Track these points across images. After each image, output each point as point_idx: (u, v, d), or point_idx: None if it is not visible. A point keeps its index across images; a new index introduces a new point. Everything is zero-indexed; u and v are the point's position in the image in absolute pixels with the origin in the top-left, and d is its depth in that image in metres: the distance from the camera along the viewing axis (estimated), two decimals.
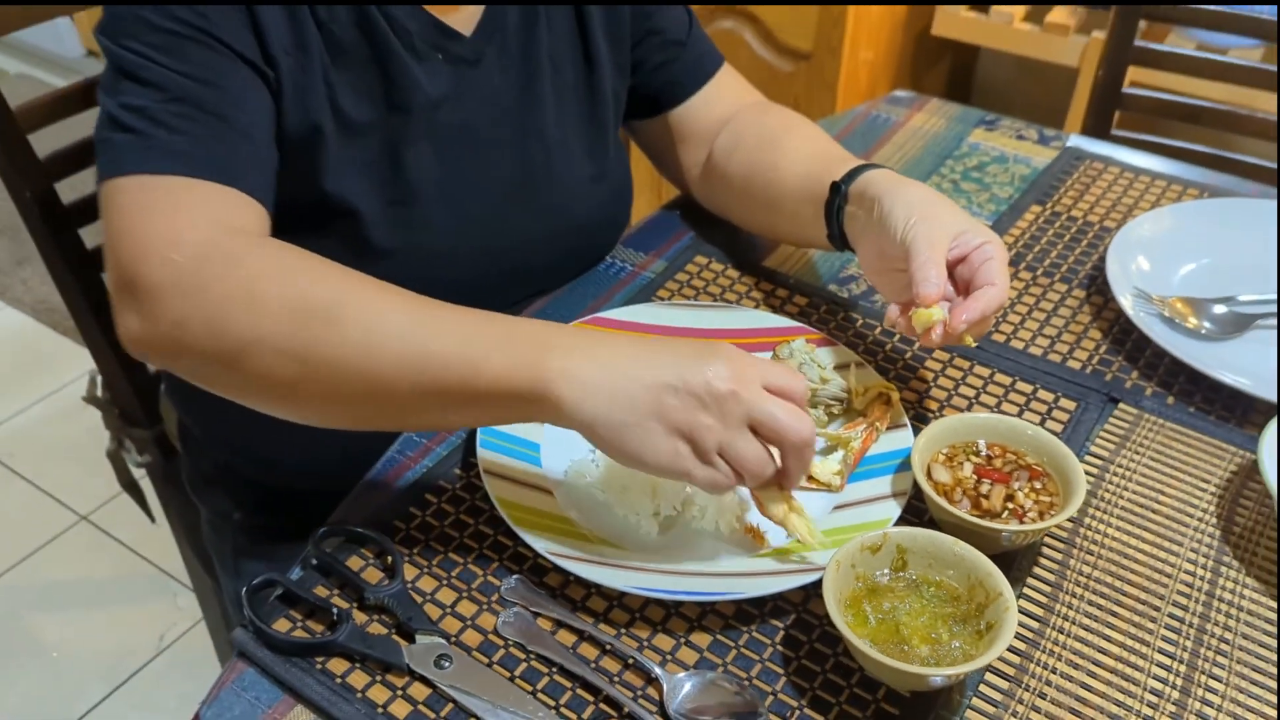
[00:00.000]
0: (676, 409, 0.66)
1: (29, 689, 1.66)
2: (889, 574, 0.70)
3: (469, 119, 0.89)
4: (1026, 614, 0.73)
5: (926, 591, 0.69)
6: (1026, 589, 0.74)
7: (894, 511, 0.76)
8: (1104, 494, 0.82)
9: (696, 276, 1.02)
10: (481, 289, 0.88)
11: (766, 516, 0.72)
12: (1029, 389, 0.90)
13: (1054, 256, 1.07)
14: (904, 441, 0.81)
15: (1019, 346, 0.95)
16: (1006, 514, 0.75)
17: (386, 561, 0.74)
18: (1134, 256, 1.03)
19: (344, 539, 0.76)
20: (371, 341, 0.68)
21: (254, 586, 0.70)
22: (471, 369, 0.67)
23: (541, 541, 0.72)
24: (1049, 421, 0.87)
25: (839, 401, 0.85)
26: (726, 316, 0.93)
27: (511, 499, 0.75)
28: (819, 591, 0.67)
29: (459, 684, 0.66)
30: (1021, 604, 0.73)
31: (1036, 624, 0.72)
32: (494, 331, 0.69)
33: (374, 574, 0.73)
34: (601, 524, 0.77)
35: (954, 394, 0.90)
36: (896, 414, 0.84)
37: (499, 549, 0.75)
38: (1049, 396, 0.90)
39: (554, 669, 0.68)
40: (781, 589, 0.71)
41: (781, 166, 0.97)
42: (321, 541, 0.75)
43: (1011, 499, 0.76)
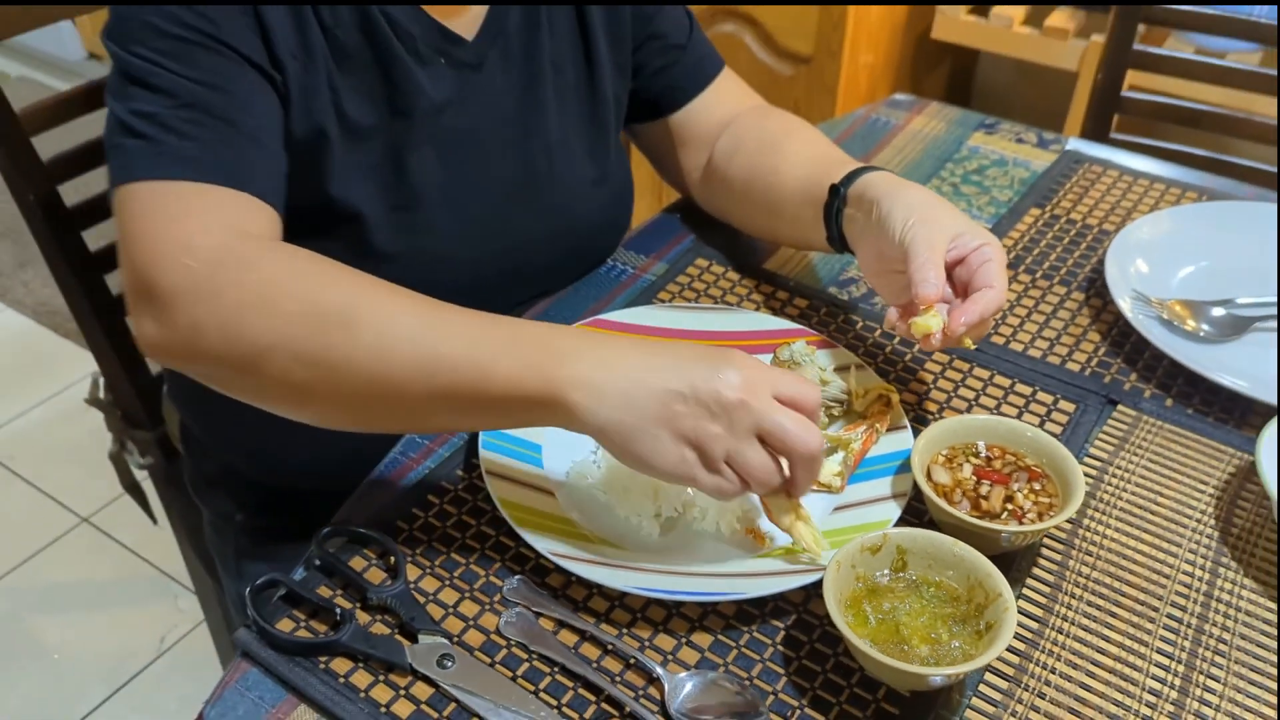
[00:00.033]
0: (685, 417, 0.66)
1: (30, 691, 1.67)
2: (889, 574, 0.71)
3: (472, 123, 0.90)
4: (1026, 614, 0.73)
5: (926, 592, 0.70)
6: (1026, 589, 0.75)
7: (894, 512, 0.76)
8: (1103, 495, 0.82)
9: (697, 279, 1.02)
10: (483, 291, 0.88)
11: (773, 523, 0.73)
12: (1028, 391, 0.91)
13: (1053, 259, 1.07)
14: (904, 443, 0.82)
15: (1018, 349, 0.96)
16: (1006, 515, 0.75)
17: (389, 562, 0.74)
18: (1133, 259, 1.03)
19: (347, 540, 0.76)
20: (384, 346, 0.68)
21: (257, 587, 0.70)
22: (483, 374, 0.67)
23: (543, 542, 0.72)
24: (1048, 423, 0.88)
25: (839, 403, 0.85)
26: (727, 319, 0.94)
27: (513, 500, 0.76)
28: (819, 592, 0.67)
29: (461, 684, 0.67)
30: (1021, 604, 0.73)
31: (1036, 624, 0.73)
32: (505, 336, 0.69)
33: (377, 574, 0.74)
34: (603, 525, 0.77)
35: (954, 396, 0.90)
36: (896, 416, 0.84)
37: (501, 550, 0.76)
38: (1048, 398, 0.90)
39: (556, 669, 0.69)
40: (782, 589, 0.71)
41: (782, 170, 0.97)
42: (325, 542, 0.75)
43: (1011, 500, 0.76)
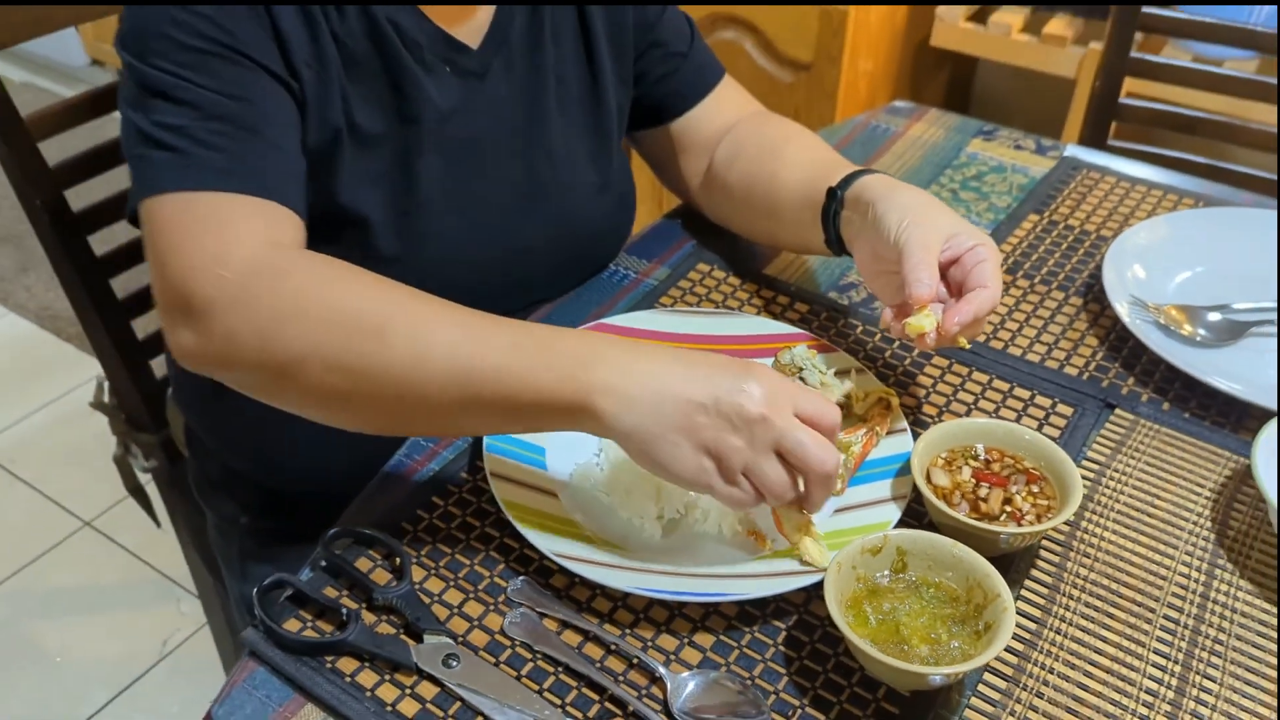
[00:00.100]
0: (706, 427, 0.67)
1: (32, 694, 1.67)
2: (889, 575, 0.71)
3: (476, 130, 0.91)
4: (1024, 615, 0.74)
5: (926, 593, 0.71)
6: (1024, 590, 0.75)
7: (894, 514, 0.77)
8: (1100, 497, 0.83)
9: (699, 284, 1.03)
10: (486, 296, 0.88)
11: (782, 534, 0.73)
12: (1027, 395, 0.92)
13: (1051, 264, 1.08)
14: (904, 446, 0.82)
15: (1016, 353, 0.96)
16: (1004, 517, 0.76)
17: (395, 563, 0.75)
18: (1130, 265, 1.04)
19: (352, 541, 0.77)
20: (419, 354, 0.69)
21: (264, 587, 0.71)
22: (517, 383, 0.68)
23: (547, 543, 0.73)
24: (1046, 426, 0.88)
25: (839, 407, 0.86)
26: (729, 323, 0.94)
27: (517, 501, 0.76)
28: (820, 593, 0.68)
29: (466, 683, 0.67)
30: (1019, 605, 0.74)
31: (1034, 624, 0.73)
32: (539, 345, 0.70)
33: (382, 575, 0.74)
34: (606, 526, 0.78)
35: (952, 399, 0.91)
36: (896, 419, 0.85)
37: (505, 551, 0.76)
38: (1046, 402, 0.91)
39: (560, 668, 0.69)
40: (783, 590, 0.72)
41: (781, 175, 0.98)
42: (331, 543, 0.76)
43: (1009, 502, 0.77)
